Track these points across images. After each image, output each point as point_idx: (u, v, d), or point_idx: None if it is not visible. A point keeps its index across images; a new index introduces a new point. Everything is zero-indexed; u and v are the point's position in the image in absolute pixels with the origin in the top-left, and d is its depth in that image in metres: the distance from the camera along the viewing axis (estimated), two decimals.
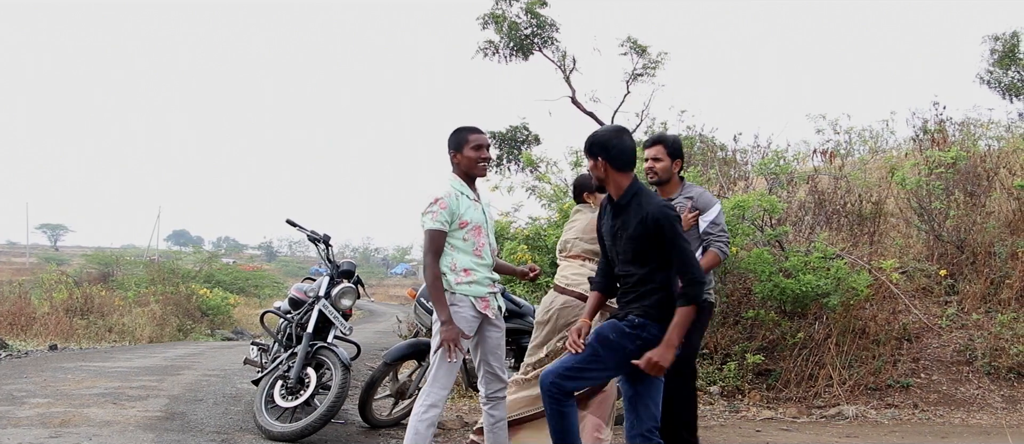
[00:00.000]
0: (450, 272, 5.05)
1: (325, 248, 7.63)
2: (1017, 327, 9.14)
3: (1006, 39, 25.74)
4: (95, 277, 29.74)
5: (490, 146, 5.57)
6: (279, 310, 7.93)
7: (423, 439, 4.98)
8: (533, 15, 17.72)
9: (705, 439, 7.09)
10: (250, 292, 35.78)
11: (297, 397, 6.78)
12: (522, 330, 7.03)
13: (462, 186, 5.17)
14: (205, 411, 7.64)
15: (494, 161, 18.78)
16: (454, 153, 5.19)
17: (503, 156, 18.50)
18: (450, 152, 5.20)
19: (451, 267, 5.06)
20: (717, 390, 8.74)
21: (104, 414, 7.25)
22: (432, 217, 5.02)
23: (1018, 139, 15.35)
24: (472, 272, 5.10)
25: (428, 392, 5.05)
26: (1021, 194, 10.80)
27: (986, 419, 8.09)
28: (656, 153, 5.65)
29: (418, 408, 5.02)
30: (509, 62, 18.10)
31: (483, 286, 5.14)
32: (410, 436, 4.99)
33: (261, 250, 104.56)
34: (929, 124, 14.32)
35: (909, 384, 8.79)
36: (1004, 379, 8.79)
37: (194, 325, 23.00)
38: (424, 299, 7.17)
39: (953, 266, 10.50)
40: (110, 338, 18.20)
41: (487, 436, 5.36)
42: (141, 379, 9.63)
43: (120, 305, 21.67)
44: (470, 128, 5.25)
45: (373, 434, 7.10)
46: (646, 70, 17.92)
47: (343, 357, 6.85)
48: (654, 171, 5.65)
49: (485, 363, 5.27)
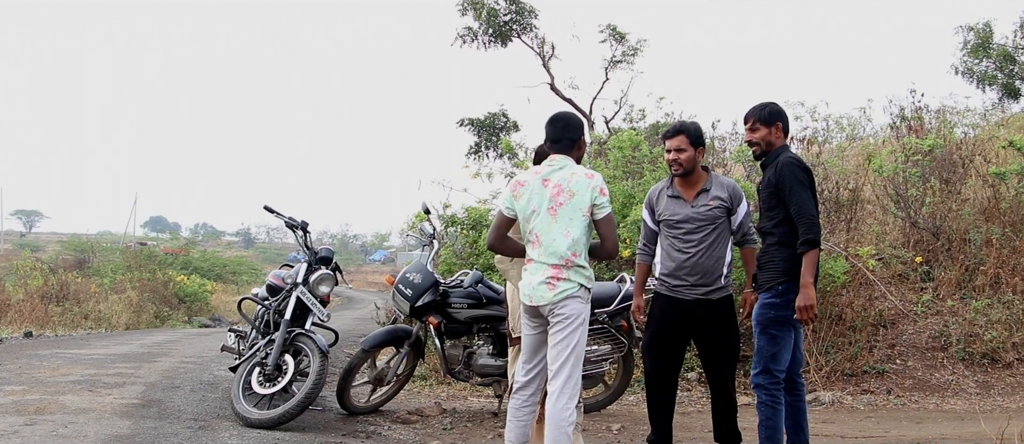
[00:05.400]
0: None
1: (303, 235, 7.61)
2: (991, 313, 9.23)
3: (979, 30, 25.92)
4: (71, 264, 29.44)
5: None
6: (257, 297, 7.89)
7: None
8: (512, 1, 17.73)
9: (682, 425, 7.13)
10: (228, 279, 35.62)
11: (275, 384, 6.76)
12: (500, 317, 7.03)
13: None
14: (182, 398, 7.61)
15: (473, 147, 18.80)
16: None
17: (481, 143, 18.52)
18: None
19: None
20: (694, 376, 8.78)
21: (80, 401, 7.20)
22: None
23: (993, 127, 15.47)
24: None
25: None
26: (996, 182, 10.89)
27: (960, 404, 8.17)
28: (679, 143, 5.48)
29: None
30: (488, 49, 18.13)
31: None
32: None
33: (239, 236, 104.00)
34: (906, 112, 14.39)
35: (885, 370, 8.86)
36: (978, 365, 8.88)
37: (171, 312, 22.85)
38: (402, 286, 7.16)
39: (929, 253, 10.58)
40: (86, 325, 18.05)
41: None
42: (117, 366, 9.58)
43: (96, 292, 21.48)
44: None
45: (351, 421, 7.09)
46: (625, 57, 17.99)
47: (321, 344, 6.84)
48: (679, 162, 5.48)
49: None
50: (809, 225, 4.89)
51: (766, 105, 5.26)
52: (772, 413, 5.12)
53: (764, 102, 5.29)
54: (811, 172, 5.15)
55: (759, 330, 5.15)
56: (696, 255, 5.35)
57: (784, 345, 5.07)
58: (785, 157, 5.10)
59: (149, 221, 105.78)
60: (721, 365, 5.50)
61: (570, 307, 4.82)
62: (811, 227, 4.89)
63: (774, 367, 5.09)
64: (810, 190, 5.03)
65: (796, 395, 5.26)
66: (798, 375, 5.32)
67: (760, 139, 5.22)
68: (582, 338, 4.87)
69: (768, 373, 5.10)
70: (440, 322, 7.10)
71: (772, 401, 5.12)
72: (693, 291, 5.38)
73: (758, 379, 5.13)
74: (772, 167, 5.13)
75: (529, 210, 4.94)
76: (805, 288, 4.88)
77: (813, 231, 4.88)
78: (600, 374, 7.22)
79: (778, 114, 5.23)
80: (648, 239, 5.72)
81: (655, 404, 5.58)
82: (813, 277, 4.90)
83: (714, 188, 5.44)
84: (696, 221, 5.38)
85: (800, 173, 5.02)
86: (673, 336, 5.52)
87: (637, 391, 8.31)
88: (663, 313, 5.50)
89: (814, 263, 4.91)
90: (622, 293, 6.84)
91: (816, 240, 4.90)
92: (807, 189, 5.00)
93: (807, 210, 4.93)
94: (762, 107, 5.25)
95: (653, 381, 5.57)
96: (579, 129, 5.12)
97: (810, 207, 4.95)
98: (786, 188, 4.98)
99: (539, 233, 4.88)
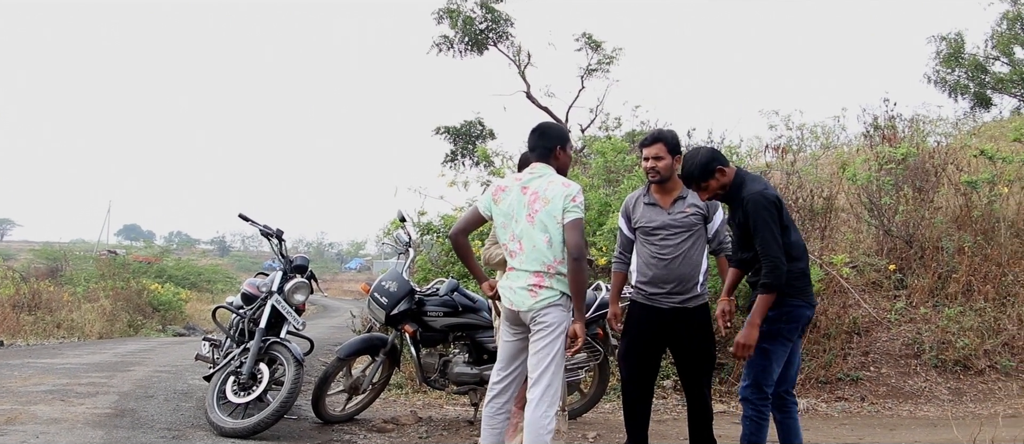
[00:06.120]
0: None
1: (278, 243, 7.58)
2: (963, 320, 9.30)
3: (951, 40, 26.20)
4: (43, 272, 29.15)
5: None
6: (231, 305, 7.87)
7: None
8: (488, 10, 17.76)
9: (658, 433, 7.15)
10: (202, 287, 35.40)
11: (249, 393, 6.72)
12: (476, 325, 7.03)
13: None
14: (156, 408, 7.56)
15: (449, 155, 18.81)
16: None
17: (457, 151, 18.52)
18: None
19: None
20: (670, 384, 8.79)
21: (52, 411, 7.14)
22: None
23: (965, 136, 15.63)
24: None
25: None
26: (968, 190, 10.99)
27: (933, 411, 8.22)
28: (657, 151, 5.47)
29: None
30: (464, 57, 18.14)
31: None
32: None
33: (214, 245, 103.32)
34: (880, 121, 14.53)
35: (859, 377, 8.91)
36: (950, 372, 8.94)
37: (145, 321, 22.66)
38: (378, 294, 7.14)
39: (902, 261, 10.66)
40: (58, 334, 17.92)
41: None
42: (90, 376, 9.50)
43: (69, 300, 21.31)
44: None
45: (327, 430, 7.06)
46: (601, 65, 18.06)
47: (296, 352, 6.82)
48: (656, 170, 5.47)
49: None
50: (772, 268, 4.74)
51: (694, 161, 4.97)
52: (756, 429, 5.02)
53: (690, 157, 5.03)
54: (778, 200, 4.90)
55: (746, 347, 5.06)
56: (673, 261, 5.38)
57: (776, 360, 4.96)
58: (748, 193, 4.85)
59: (123, 229, 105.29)
60: (697, 373, 5.52)
61: (552, 315, 4.84)
62: (773, 270, 4.73)
63: (764, 382, 4.97)
64: (779, 222, 4.83)
65: (786, 412, 5.17)
66: (789, 392, 5.22)
67: (714, 191, 5.02)
68: (562, 346, 4.88)
69: (757, 387, 4.99)
70: (416, 330, 7.08)
71: (758, 417, 5.01)
72: (670, 299, 5.40)
73: (745, 392, 5.04)
74: (739, 205, 4.93)
75: (508, 216, 4.98)
76: (750, 327, 4.79)
77: (774, 276, 4.73)
78: (577, 382, 7.23)
79: (709, 162, 4.95)
80: (624, 247, 5.73)
81: (631, 412, 5.60)
82: (760, 319, 4.79)
83: (690, 196, 5.48)
84: (673, 228, 5.41)
85: (765, 210, 4.79)
86: (649, 344, 5.54)
87: (613, 399, 8.32)
88: (640, 321, 5.51)
89: (767, 306, 4.79)
90: (598, 301, 6.86)
91: (775, 286, 4.75)
92: (774, 225, 4.79)
93: (771, 252, 4.74)
94: (694, 166, 4.96)
95: (629, 389, 5.58)
96: (556, 139, 5.16)
97: (774, 248, 4.75)
98: (751, 226, 4.83)
99: (521, 240, 4.90)
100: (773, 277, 4.74)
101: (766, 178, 5.32)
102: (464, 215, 5.34)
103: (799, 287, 4.88)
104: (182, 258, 44.09)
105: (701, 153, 5.01)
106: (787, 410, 5.17)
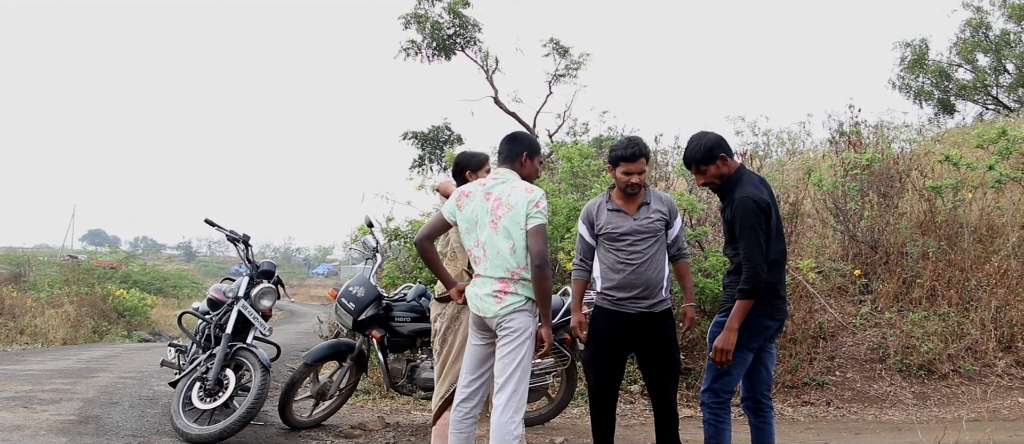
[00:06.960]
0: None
1: (244, 248, 7.54)
2: (927, 325, 9.40)
3: (916, 46, 26.51)
4: (6, 278, 28.75)
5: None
6: (197, 311, 7.81)
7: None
8: (456, 15, 17.73)
9: (625, 437, 7.17)
10: (168, 293, 35.13)
11: (215, 399, 6.68)
12: None
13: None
14: (120, 414, 7.49)
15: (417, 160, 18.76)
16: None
17: (425, 156, 18.47)
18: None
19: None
20: (637, 389, 8.82)
21: (14, 418, 7.06)
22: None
23: (929, 142, 15.81)
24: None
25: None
26: (932, 195, 11.12)
27: (898, 415, 8.30)
28: (641, 167, 5.46)
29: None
30: (432, 62, 18.08)
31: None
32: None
33: (180, 250, 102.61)
34: (845, 127, 14.68)
35: (825, 382, 8.98)
36: (915, 376, 9.02)
37: (110, 326, 22.42)
38: (345, 299, 7.11)
39: (867, 266, 10.75)
40: (21, 340, 17.71)
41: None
42: (54, 382, 9.40)
43: (32, 306, 21.06)
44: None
45: (293, 435, 7.03)
46: (568, 71, 18.05)
47: (263, 358, 6.79)
48: (637, 185, 5.49)
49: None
50: (750, 274, 4.74)
51: (699, 143, 5.05)
52: (715, 432, 5.06)
53: (696, 138, 5.09)
54: (769, 208, 4.90)
55: (711, 349, 5.05)
56: (641, 267, 5.40)
57: (736, 366, 4.95)
58: (740, 195, 4.87)
59: (88, 234, 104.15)
60: (664, 377, 5.54)
61: (517, 321, 4.85)
62: (751, 277, 4.74)
63: (720, 387, 5.01)
64: (765, 230, 4.83)
65: (761, 416, 5.17)
66: (766, 395, 5.19)
67: (711, 177, 5.05)
68: (529, 352, 4.89)
69: (713, 392, 5.03)
70: (383, 336, 7.06)
71: (716, 421, 5.06)
72: (637, 304, 5.42)
73: (703, 396, 5.09)
74: (729, 203, 4.95)
75: (472, 222, 4.99)
76: (728, 331, 4.81)
77: (752, 282, 4.74)
78: (544, 387, 7.24)
79: (713, 146, 5.00)
80: (585, 254, 5.75)
81: (598, 417, 5.61)
82: (738, 324, 4.81)
83: (653, 202, 5.52)
84: (640, 233, 5.44)
85: (753, 215, 4.80)
86: (615, 350, 5.56)
87: (580, 404, 8.33)
88: (605, 327, 5.53)
89: (744, 312, 4.80)
90: (565, 306, 6.86)
91: (753, 293, 4.76)
92: (760, 232, 4.80)
93: (753, 258, 4.75)
94: (697, 147, 5.03)
95: (596, 395, 5.60)
96: (524, 145, 5.19)
97: (756, 255, 4.76)
98: (738, 229, 4.85)
99: (485, 246, 4.91)
100: (751, 284, 4.76)
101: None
102: (430, 221, 5.35)
103: (763, 299, 4.87)
104: (148, 263, 43.78)
105: (708, 137, 5.05)
106: (762, 414, 5.19)
